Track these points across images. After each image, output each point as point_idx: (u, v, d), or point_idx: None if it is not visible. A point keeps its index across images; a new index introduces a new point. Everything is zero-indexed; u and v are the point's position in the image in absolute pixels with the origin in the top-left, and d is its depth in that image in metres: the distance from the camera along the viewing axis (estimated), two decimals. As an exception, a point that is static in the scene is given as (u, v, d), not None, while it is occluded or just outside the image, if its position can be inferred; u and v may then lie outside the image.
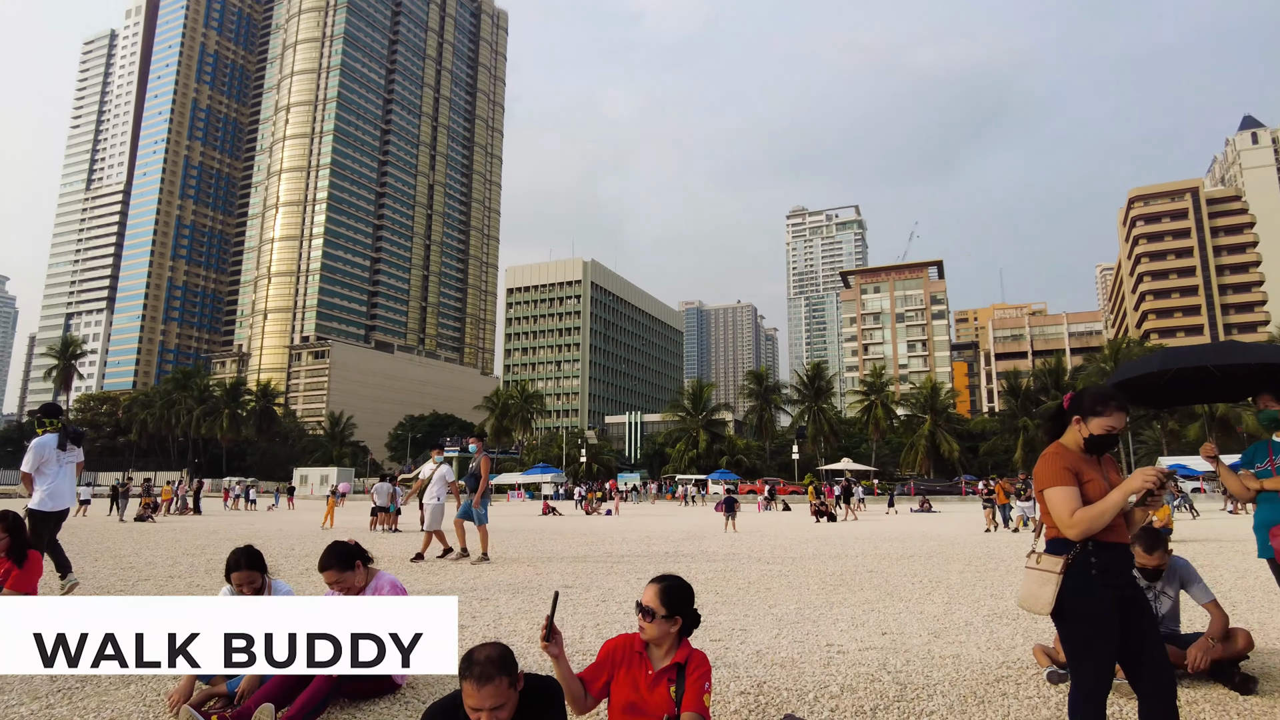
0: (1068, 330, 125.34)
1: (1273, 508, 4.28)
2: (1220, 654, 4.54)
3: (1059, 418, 3.35)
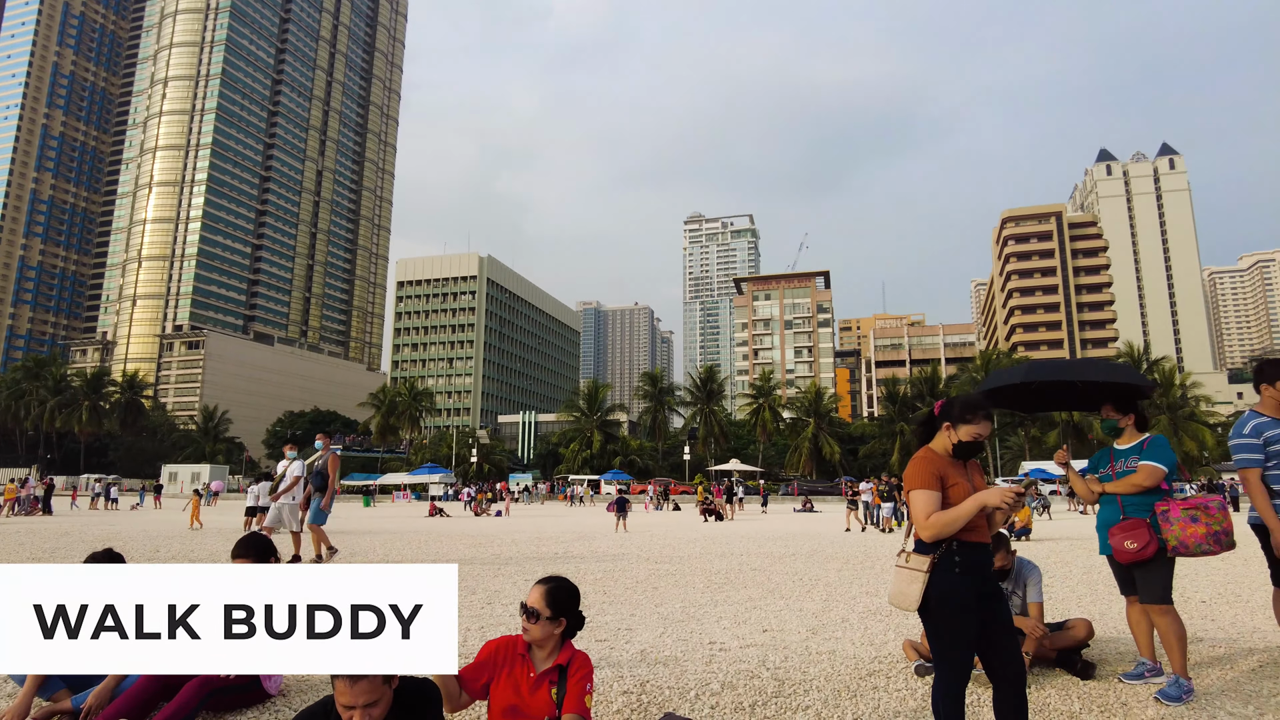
0: (943, 341, 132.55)
1: (1112, 509, 4.67)
2: (1064, 643, 4.92)
3: (930, 423, 3.55)
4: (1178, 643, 4.42)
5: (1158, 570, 4.47)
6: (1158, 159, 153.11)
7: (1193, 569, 10.08)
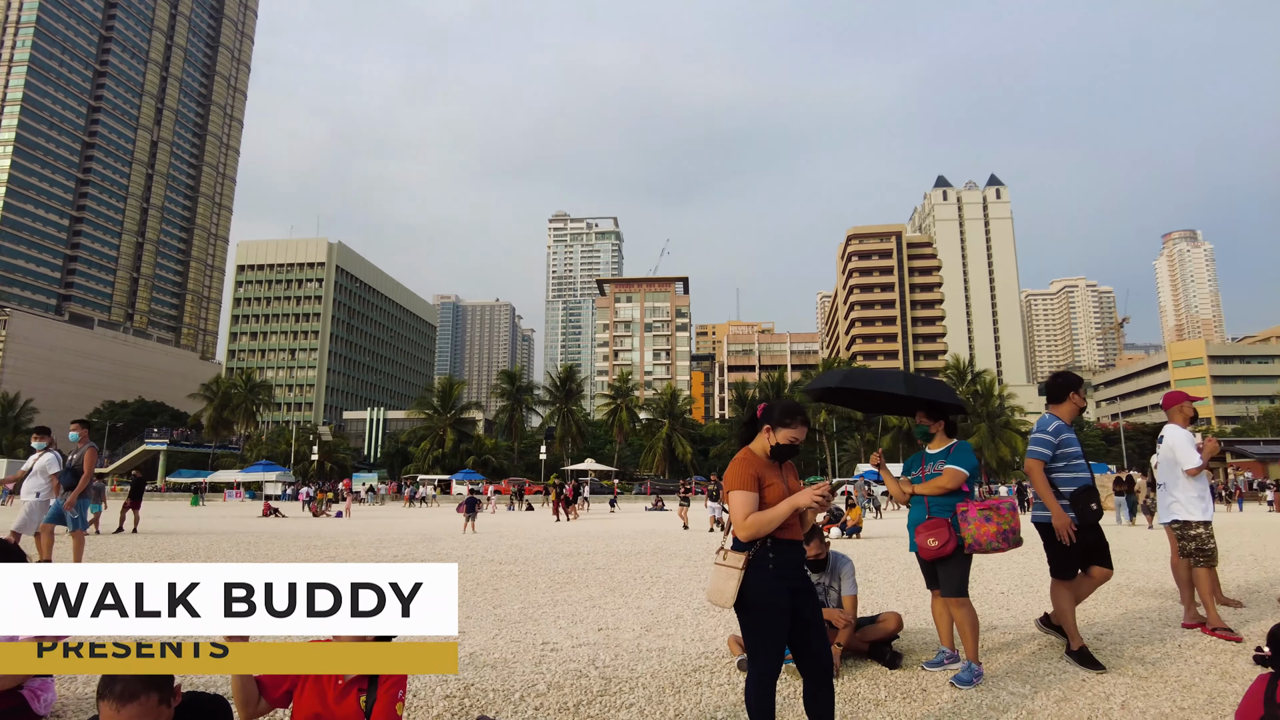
0: (790, 348, 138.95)
1: (920, 509, 5.02)
2: (876, 635, 5.23)
3: (752, 425, 3.66)
4: (971, 632, 4.81)
5: (956, 566, 4.84)
6: (986, 189, 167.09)
7: (996, 563, 11.00)
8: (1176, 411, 6.66)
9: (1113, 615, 7.08)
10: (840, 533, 18.21)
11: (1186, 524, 6.32)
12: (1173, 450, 6.38)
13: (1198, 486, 6.35)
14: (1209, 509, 6.36)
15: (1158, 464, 6.59)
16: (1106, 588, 8.75)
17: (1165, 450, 6.44)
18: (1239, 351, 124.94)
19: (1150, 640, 5.98)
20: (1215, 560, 6.43)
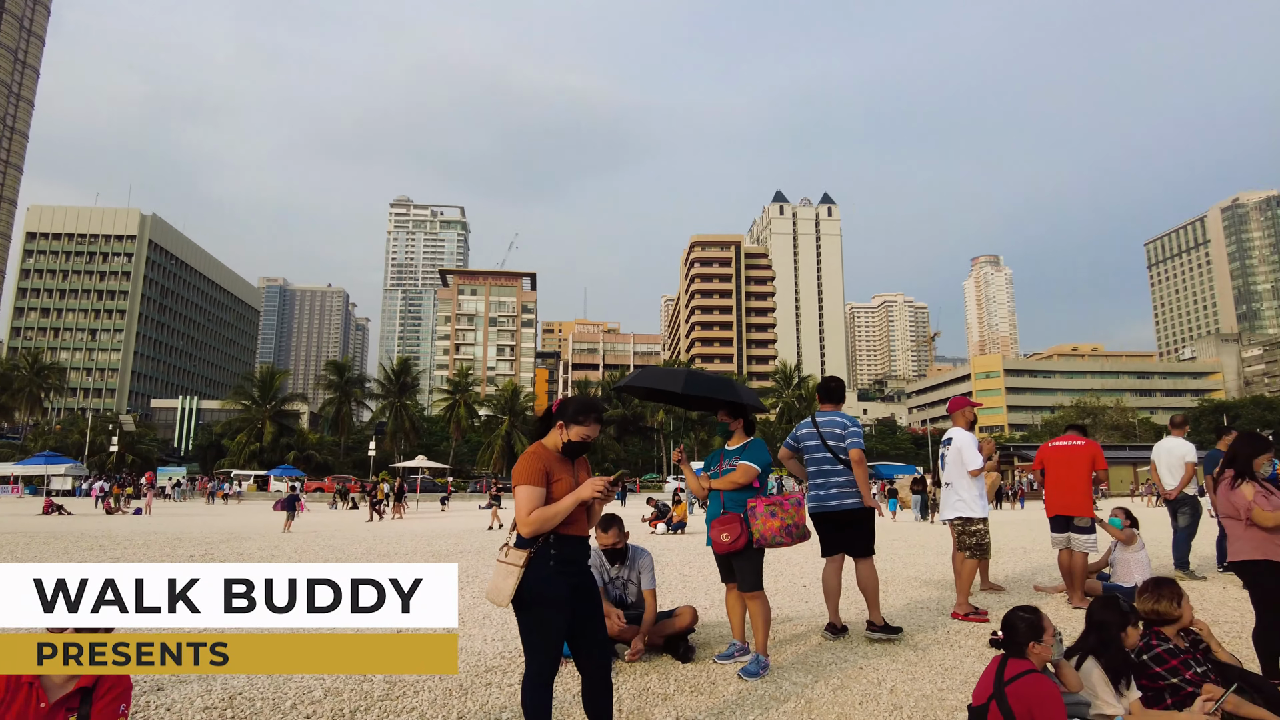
0: (634, 349, 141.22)
1: (716, 504, 5.15)
2: (671, 629, 5.31)
3: (547, 420, 3.59)
4: (763, 624, 4.98)
5: (749, 560, 4.99)
6: (820, 206, 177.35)
7: (803, 557, 11.58)
8: (960, 415, 7.27)
9: (898, 605, 7.61)
10: (666, 528, 18.61)
11: (968, 520, 6.90)
12: (960, 452, 6.92)
13: (979, 485, 6.96)
14: (986, 506, 7.00)
15: (945, 464, 7.12)
16: (895, 579, 9.43)
17: (953, 452, 6.97)
18: (1029, 366, 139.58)
19: (925, 628, 6.45)
20: (988, 554, 7.09)
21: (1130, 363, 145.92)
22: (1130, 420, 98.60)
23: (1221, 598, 7.92)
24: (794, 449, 6.23)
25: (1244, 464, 4.92)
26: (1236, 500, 4.81)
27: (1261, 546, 4.69)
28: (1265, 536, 4.68)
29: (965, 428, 7.18)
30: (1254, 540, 4.73)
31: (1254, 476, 4.88)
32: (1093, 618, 3.93)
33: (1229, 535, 5.00)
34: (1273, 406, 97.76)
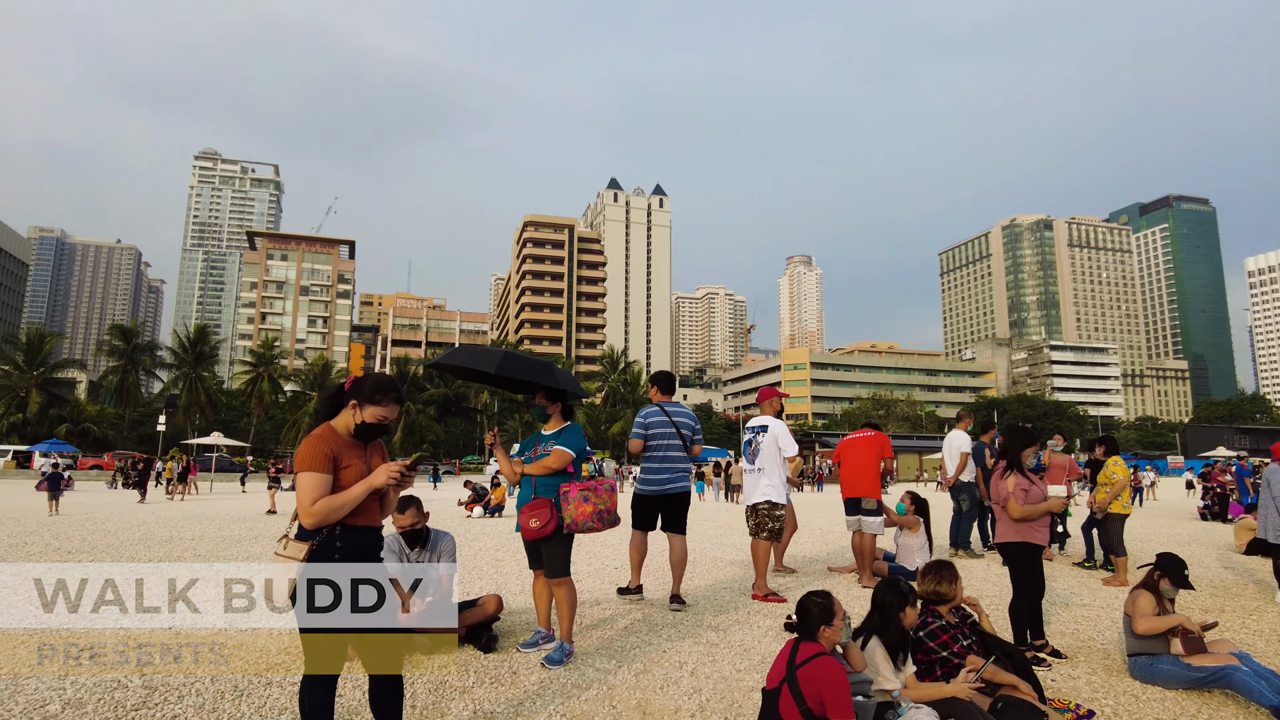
0: (460, 327, 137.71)
1: (528, 489, 5.00)
2: (475, 619, 5.12)
3: (337, 399, 3.26)
4: (569, 611, 4.89)
5: (557, 546, 4.88)
6: (652, 196, 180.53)
7: (615, 539, 11.67)
8: (768, 404, 7.62)
9: (702, 586, 7.81)
10: (484, 512, 18.23)
11: (775, 505, 7.20)
12: (777, 439, 7.22)
13: (784, 471, 7.28)
14: (787, 491, 7.34)
15: (758, 449, 7.34)
16: (702, 559, 9.71)
17: (769, 439, 7.24)
18: (832, 360, 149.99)
19: (727, 609, 6.66)
20: (780, 537, 7.43)
21: (921, 360, 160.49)
22: (918, 413, 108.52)
23: (985, 574, 8.78)
24: (643, 436, 6.58)
25: (1013, 456, 5.46)
26: (1001, 490, 5.34)
27: (1020, 531, 5.25)
28: (1021, 525, 5.28)
29: (773, 415, 7.49)
30: (1008, 525, 5.30)
31: (1021, 468, 5.44)
32: (876, 599, 4.16)
33: (998, 519, 5.54)
34: (1033, 403, 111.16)
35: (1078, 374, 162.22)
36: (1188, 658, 4.97)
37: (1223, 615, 7.27)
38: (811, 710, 3.32)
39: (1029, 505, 5.33)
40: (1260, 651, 6.05)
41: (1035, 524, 5.34)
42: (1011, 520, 5.37)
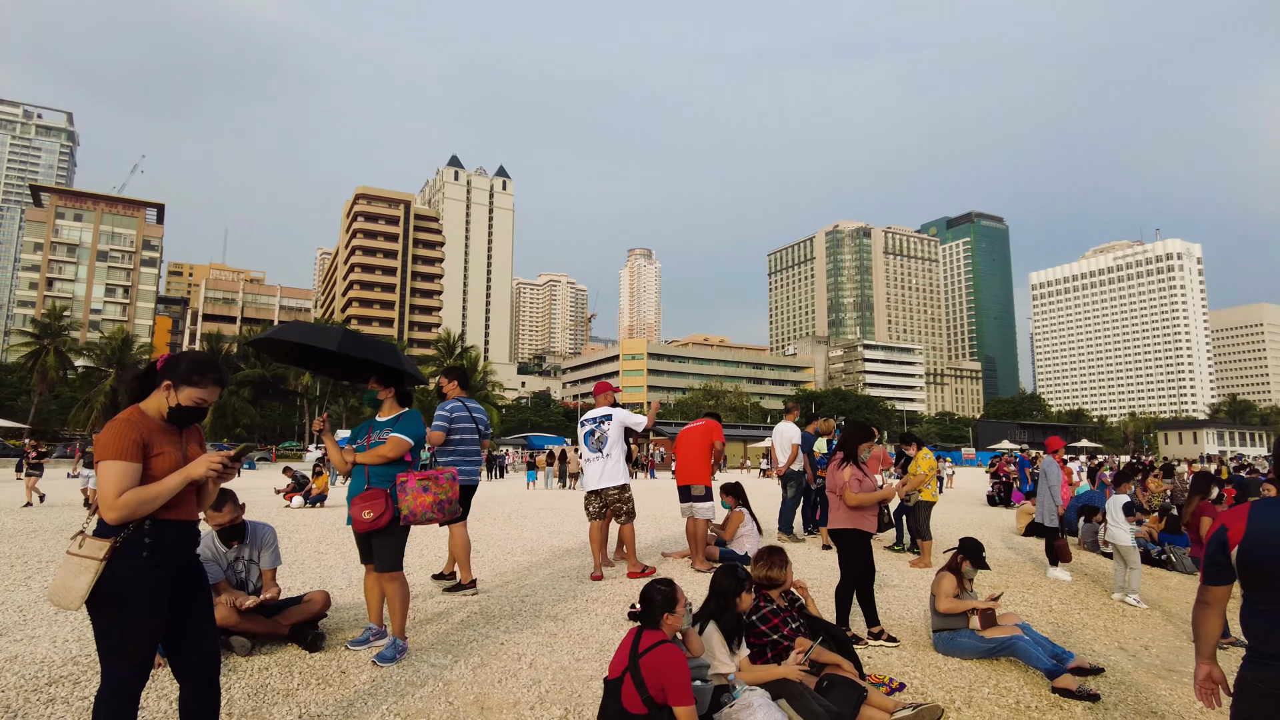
0: (280, 303, 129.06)
1: (360, 479, 4.74)
2: (300, 616, 4.80)
3: (147, 379, 2.93)
4: (401, 607, 4.69)
5: (390, 539, 4.67)
6: (495, 178, 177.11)
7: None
8: (604, 397, 7.94)
9: (542, 576, 7.76)
10: (304, 502, 17.19)
11: (624, 487, 7.52)
12: (623, 424, 7.58)
13: (624, 456, 7.55)
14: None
15: (603, 437, 7.49)
16: (540, 549, 9.66)
17: (615, 426, 7.52)
18: (668, 352, 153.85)
19: (565, 597, 6.65)
20: (634, 516, 7.66)
21: (748, 355, 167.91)
22: (745, 404, 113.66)
23: (808, 558, 9.32)
24: (446, 429, 6.54)
25: (851, 449, 5.84)
26: (837, 479, 5.68)
27: (852, 519, 5.61)
28: (855, 512, 5.62)
29: (610, 406, 7.76)
30: (844, 513, 5.65)
31: (857, 460, 5.83)
32: (715, 584, 4.29)
33: (831, 507, 5.90)
34: (847, 398, 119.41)
35: (887, 371, 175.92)
36: (982, 631, 5.53)
37: (1007, 590, 8.13)
38: (653, 698, 3.37)
39: (863, 494, 5.71)
40: (1036, 621, 6.82)
41: (866, 512, 5.72)
42: (847, 508, 5.71)
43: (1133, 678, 5.48)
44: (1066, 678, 4.98)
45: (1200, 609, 2.92)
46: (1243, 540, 2.73)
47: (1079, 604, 7.98)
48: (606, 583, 7.28)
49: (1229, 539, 2.78)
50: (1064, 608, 7.73)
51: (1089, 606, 7.92)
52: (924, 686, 4.85)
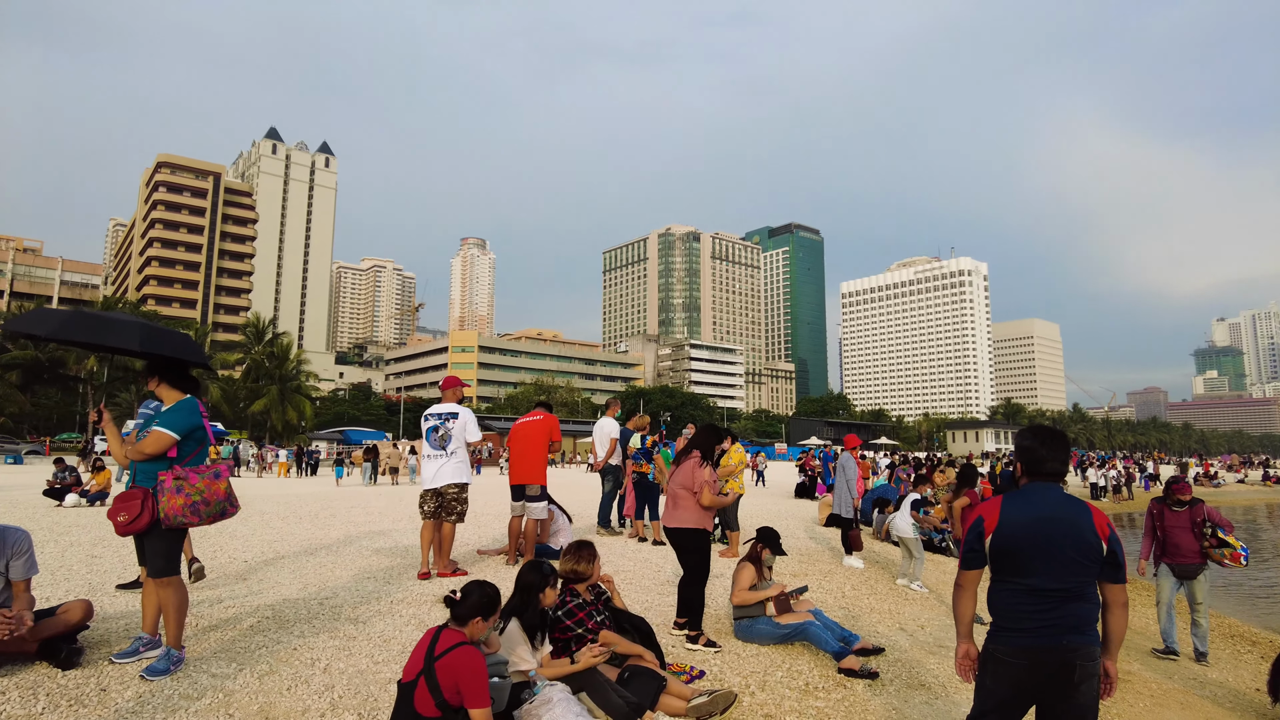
0: (61, 277, 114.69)
1: (134, 476, 4.30)
2: (51, 630, 4.28)
3: None
4: (176, 615, 4.29)
5: (158, 541, 4.26)
6: (317, 154, 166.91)
7: (241, 529, 10.59)
8: (452, 393, 7.71)
9: (345, 577, 7.39)
10: (79, 498, 15.39)
11: (463, 486, 7.38)
12: (465, 425, 7.42)
13: (468, 455, 7.52)
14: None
15: (448, 434, 7.35)
16: (349, 548, 9.20)
17: (459, 425, 7.40)
18: (500, 345, 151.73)
19: (369, 599, 6.37)
20: (464, 519, 7.52)
21: (581, 350, 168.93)
22: (577, 399, 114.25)
23: (623, 550, 9.49)
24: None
25: (707, 450, 5.95)
26: (697, 478, 5.75)
27: (699, 519, 5.73)
28: (703, 512, 5.73)
29: (457, 402, 7.57)
30: (695, 512, 5.74)
31: (711, 460, 5.97)
32: (520, 580, 4.27)
33: (679, 504, 5.80)
34: (674, 394, 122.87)
35: (711, 370, 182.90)
36: (778, 617, 5.86)
37: (806, 578, 8.67)
38: (448, 701, 3.29)
39: (718, 496, 5.84)
40: (830, 607, 7.33)
41: (709, 512, 5.86)
42: (699, 507, 5.77)
43: (909, 655, 6.02)
44: (851, 659, 5.39)
45: (958, 592, 3.24)
46: (996, 529, 3.06)
47: (869, 589, 8.66)
48: (415, 584, 7.05)
49: (985, 528, 3.11)
50: (855, 593, 8.36)
51: (877, 591, 8.62)
52: (722, 673, 5.07)
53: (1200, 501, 7.62)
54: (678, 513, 5.79)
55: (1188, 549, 7.43)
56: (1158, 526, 7.61)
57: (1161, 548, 7.58)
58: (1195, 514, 7.48)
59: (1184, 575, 7.50)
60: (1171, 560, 7.52)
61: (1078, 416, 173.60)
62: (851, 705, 4.73)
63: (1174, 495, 7.63)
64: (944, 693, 5.15)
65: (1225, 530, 7.43)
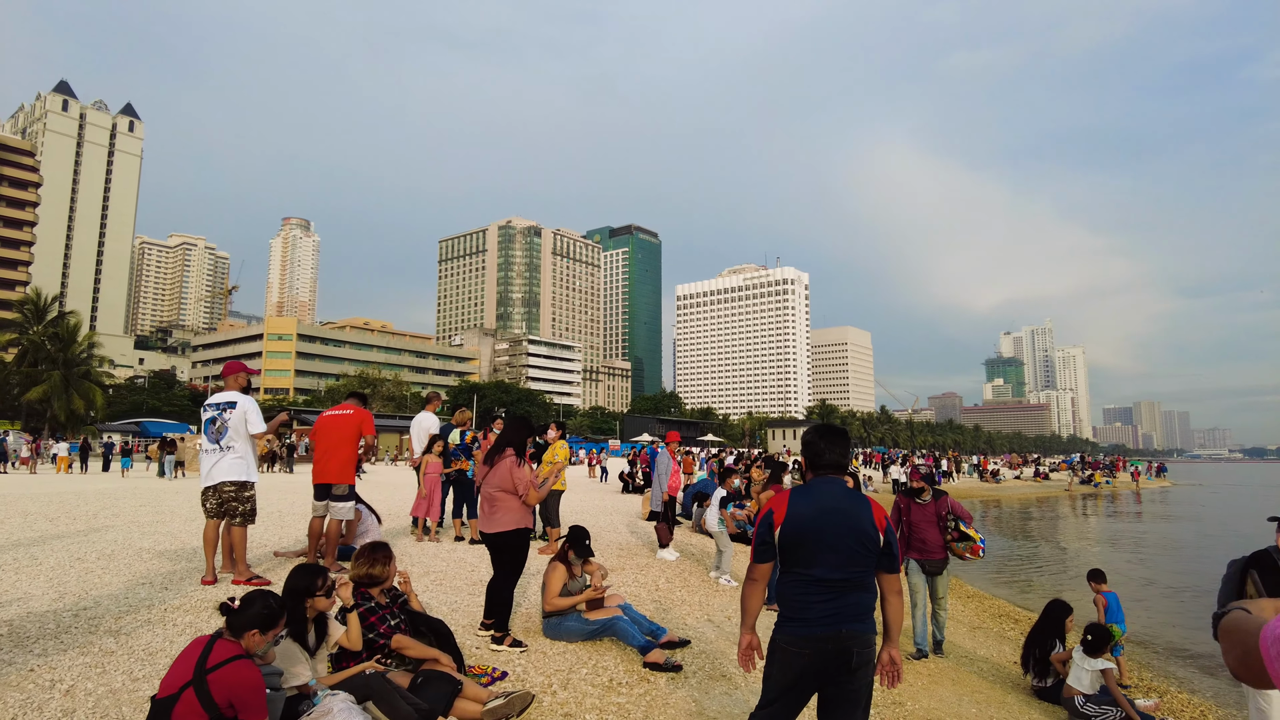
0: None
1: None
2: None
3: None
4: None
5: None
6: (120, 116, 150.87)
7: (27, 537, 9.32)
8: (234, 380, 6.99)
9: (116, 584, 6.60)
10: None
11: (244, 485, 6.66)
12: (245, 415, 6.67)
13: (254, 449, 6.87)
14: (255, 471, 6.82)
15: (224, 426, 6.64)
16: (123, 551, 8.27)
17: (238, 415, 6.66)
18: (322, 334, 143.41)
19: (138, 607, 5.73)
20: (254, 519, 6.82)
21: (412, 342, 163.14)
22: (404, 393, 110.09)
23: (437, 551, 9.17)
24: None
25: (520, 446, 5.72)
26: (518, 476, 5.53)
27: (520, 518, 5.54)
28: (524, 510, 5.57)
29: (239, 391, 6.84)
30: (516, 512, 5.54)
31: (524, 457, 5.75)
32: (285, 584, 3.95)
33: (498, 505, 5.56)
34: (510, 390, 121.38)
35: (549, 366, 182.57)
36: (588, 613, 5.83)
37: (623, 572, 8.74)
38: (223, 716, 2.98)
39: (539, 492, 5.67)
40: (642, 600, 7.41)
41: (528, 509, 5.68)
42: (520, 507, 5.55)
43: (714, 646, 6.17)
44: (656, 652, 5.44)
45: (749, 585, 3.30)
46: (783, 522, 3.14)
47: (682, 582, 8.85)
48: (196, 589, 6.42)
49: (774, 521, 3.18)
50: (669, 586, 8.51)
51: (690, 584, 8.82)
52: (527, 673, 4.96)
53: (945, 494, 7.64)
54: (496, 515, 5.55)
55: (933, 543, 7.39)
56: (904, 520, 7.48)
57: (907, 543, 7.45)
58: (940, 507, 7.47)
59: (933, 571, 7.48)
60: (920, 556, 7.42)
61: (885, 418, 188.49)
62: (653, 699, 4.76)
63: (911, 484, 7.73)
64: (744, 683, 5.31)
65: (966, 522, 7.50)
